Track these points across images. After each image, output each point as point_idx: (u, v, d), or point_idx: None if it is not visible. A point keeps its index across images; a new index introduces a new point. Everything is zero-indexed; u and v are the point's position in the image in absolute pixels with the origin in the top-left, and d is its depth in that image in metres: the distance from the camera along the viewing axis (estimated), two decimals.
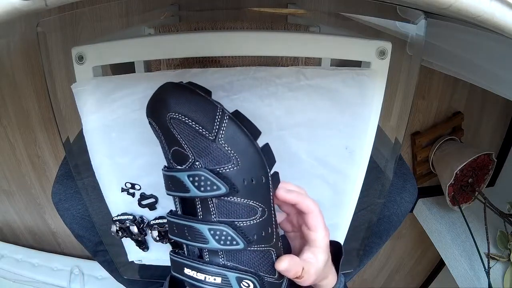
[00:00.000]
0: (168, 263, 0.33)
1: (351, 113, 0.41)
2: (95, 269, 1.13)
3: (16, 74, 0.93)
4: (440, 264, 1.37)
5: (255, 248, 0.30)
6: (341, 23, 0.74)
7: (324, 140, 0.43)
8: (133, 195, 0.46)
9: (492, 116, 1.13)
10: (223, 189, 0.28)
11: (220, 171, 0.28)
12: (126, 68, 0.42)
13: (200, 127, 0.27)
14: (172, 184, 0.30)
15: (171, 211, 0.33)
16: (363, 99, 0.41)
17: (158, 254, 0.51)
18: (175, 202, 0.32)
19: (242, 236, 0.29)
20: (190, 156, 0.28)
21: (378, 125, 0.42)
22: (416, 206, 1.14)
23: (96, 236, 0.53)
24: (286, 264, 0.30)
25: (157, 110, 0.29)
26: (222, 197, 0.28)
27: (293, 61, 0.59)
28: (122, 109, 0.41)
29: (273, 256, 0.31)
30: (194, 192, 0.28)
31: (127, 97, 0.41)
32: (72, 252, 1.26)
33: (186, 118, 0.27)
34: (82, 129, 0.42)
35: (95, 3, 0.80)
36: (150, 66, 0.58)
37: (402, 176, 0.57)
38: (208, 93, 0.30)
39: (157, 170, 0.44)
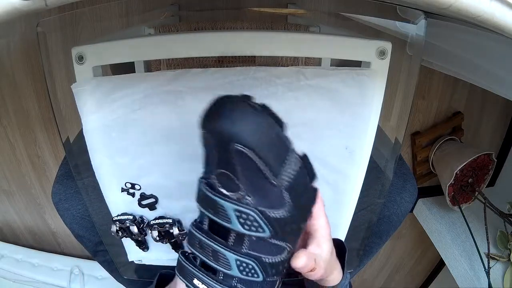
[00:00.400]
0: (168, 263, 0.33)
1: (351, 113, 0.41)
2: (95, 269, 1.13)
3: (16, 74, 0.93)
4: (440, 264, 1.37)
5: (269, 280, 0.30)
6: (341, 23, 0.74)
7: (324, 140, 0.43)
8: (133, 195, 0.46)
9: (492, 116, 1.13)
10: (267, 233, 0.27)
11: (271, 215, 0.26)
12: (126, 68, 0.42)
13: (265, 168, 0.25)
14: (211, 207, 0.27)
15: (195, 222, 0.31)
16: (363, 99, 0.41)
17: (158, 254, 0.51)
18: (202, 214, 0.30)
19: (264, 270, 0.29)
20: (242, 189, 0.26)
21: (378, 125, 0.42)
22: (416, 206, 1.14)
23: (96, 236, 0.53)
24: (304, 260, 0.30)
25: (220, 132, 0.25)
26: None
27: (293, 61, 0.59)
28: (122, 109, 0.41)
29: (278, 283, 0.31)
30: (236, 226, 0.26)
31: (127, 97, 0.41)
32: (72, 252, 1.26)
33: (253, 155, 0.24)
34: (82, 129, 0.42)
35: (95, 3, 0.79)
36: (150, 66, 0.58)
37: (402, 176, 0.57)
38: (282, 125, 0.27)
39: (157, 170, 0.44)
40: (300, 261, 0.30)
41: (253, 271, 0.28)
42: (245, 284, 0.29)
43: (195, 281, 0.29)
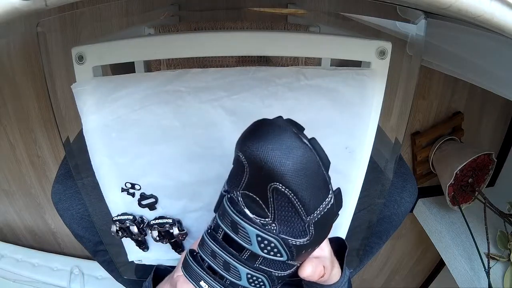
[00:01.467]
0: (168, 263, 0.33)
1: (351, 113, 0.41)
2: (95, 269, 1.13)
3: (16, 74, 0.93)
4: (440, 264, 1.37)
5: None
6: (341, 23, 0.74)
7: (324, 140, 0.42)
8: (133, 195, 0.46)
9: (492, 116, 1.13)
10: (284, 258, 0.27)
11: (291, 243, 0.26)
12: (126, 68, 0.42)
13: (301, 208, 0.24)
14: (232, 225, 0.27)
15: (209, 230, 0.30)
16: (363, 99, 0.41)
17: (158, 254, 0.51)
18: (218, 224, 0.29)
19: (272, 282, 0.29)
20: (269, 217, 0.25)
21: (378, 125, 0.42)
22: (416, 206, 1.14)
23: (96, 236, 0.53)
24: (310, 270, 0.30)
25: (261, 166, 0.22)
26: None
27: (293, 61, 0.59)
28: (122, 109, 0.41)
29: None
30: (255, 249, 0.26)
31: (127, 97, 0.41)
32: (72, 252, 1.26)
33: (292, 195, 0.23)
34: (82, 129, 0.42)
35: (95, 3, 0.79)
36: (150, 66, 0.58)
37: (402, 176, 0.57)
38: (328, 164, 0.25)
39: (157, 170, 0.44)
40: (306, 271, 0.30)
41: (262, 283, 0.29)
42: None
43: (202, 283, 0.29)
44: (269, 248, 0.26)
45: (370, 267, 1.43)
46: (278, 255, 0.26)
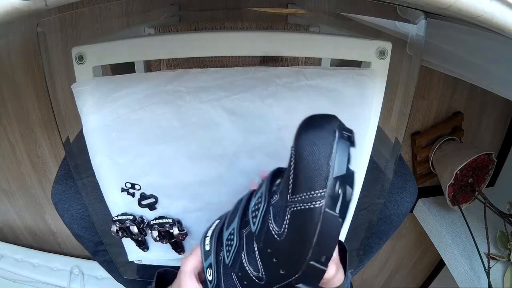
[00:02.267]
0: (168, 263, 0.33)
1: (351, 113, 0.41)
2: (95, 269, 1.13)
3: (16, 74, 0.93)
4: (440, 264, 1.37)
5: (232, 273, 0.29)
6: (341, 23, 0.74)
7: None
8: (133, 195, 0.46)
9: (492, 116, 1.13)
10: (253, 229, 0.27)
11: (267, 223, 0.26)
12: (126, 68, 0.42)
13: (292, 176, 0.24)
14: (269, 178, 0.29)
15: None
16: (363, 99, 0.41)
17: (158, 254, 0.51)
18: None
19: (233, 261, 0.29)
20: (279, 187, 0.27)
21: (378, 125, 0.42)
22: (416, 206, 1.15)
23: (96, 236, 0.53)
24: None
25: (299, 129, 0.25)
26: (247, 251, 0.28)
27: (293, 61, 0.59)
28: (122, 109, 0.41)
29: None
30: (253, 201, 0.29)
31: (127, 97, 0.41)
32: (72, 252, 1.26)
33: (292, 164, 0.24)
34: (82, 129, 0.42)
35: (95, 3, 0.80)
36: (150, 66, 0.58)
37: (402, 176, 0.57)
38: (343, 176, 0.25)
39: (157, 170, 0.44)
40: None
41: (229, 253, 0.29)
42: (219, 260, 0.31)
43: (207, 240, 0.32)
44: (256, 206, 0.28)
45: (370, 267, 1.43)
46: (253, 221, 0.27)
